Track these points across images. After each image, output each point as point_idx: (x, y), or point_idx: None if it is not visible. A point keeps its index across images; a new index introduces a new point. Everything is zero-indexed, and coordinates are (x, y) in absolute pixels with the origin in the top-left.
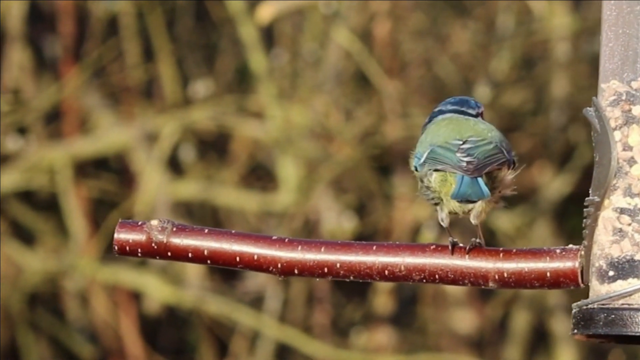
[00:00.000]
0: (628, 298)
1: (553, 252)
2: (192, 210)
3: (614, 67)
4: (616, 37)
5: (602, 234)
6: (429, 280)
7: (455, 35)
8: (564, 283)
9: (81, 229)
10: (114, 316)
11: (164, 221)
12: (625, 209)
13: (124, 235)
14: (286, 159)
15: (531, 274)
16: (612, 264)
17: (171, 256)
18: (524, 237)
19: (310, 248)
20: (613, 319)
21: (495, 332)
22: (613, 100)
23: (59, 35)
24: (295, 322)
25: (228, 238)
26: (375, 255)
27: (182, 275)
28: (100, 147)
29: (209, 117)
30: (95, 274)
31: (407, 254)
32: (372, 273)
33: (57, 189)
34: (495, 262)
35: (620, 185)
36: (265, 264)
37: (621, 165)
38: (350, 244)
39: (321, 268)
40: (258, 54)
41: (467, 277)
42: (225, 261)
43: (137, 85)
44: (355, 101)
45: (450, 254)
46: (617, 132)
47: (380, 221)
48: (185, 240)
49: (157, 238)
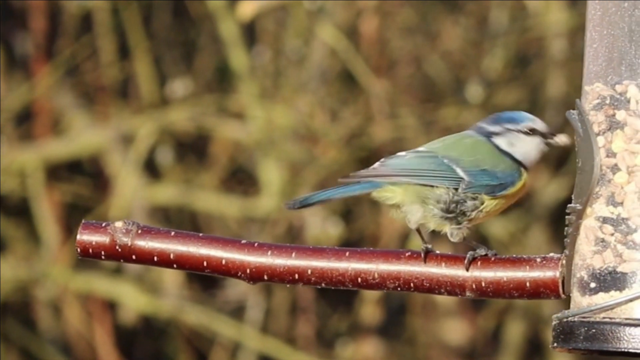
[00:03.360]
0: (610, 311)
1: (533, 261)
2: (170, 216)
3: (597, 69)
4: (600, 38)
5: (584, 244)
6: (404, 288)
7: (446, 32)
8: (544, 293)
9: (53, 236)
10: (88, 327)
11: (129, 223)
12: (608, 218)
13: (87, 237)
14: (269, 162)
15: (510, 284)
16: (594, 275)
17: (136, 259)
18: (519, 244)
19: (280, 253)
20: (594, 334)
21: (488, 343)
22: (597, 104)
23: (30, 32)
24: (278, 332)
25: (195, 241)
26: (347, 262)
27: (159, 283)
28: (74, 150)
29: (187, 118)
30: (68, 283)
31: (381, 261)
32: (344, 280)
33: (29, 193)
34: (472, 271)
35: (603, 193)
36: (233, 269)
37: (604, 172)
38: (322, 249)
39: (292, 274)
40: (239, 51)
41: (443, 286)
42: (192, 265)
43: (112, 85)
44: (341, 101)
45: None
46: (600, 138)
47: (367, 227)
48: (151, 243)
49: (121, 240)
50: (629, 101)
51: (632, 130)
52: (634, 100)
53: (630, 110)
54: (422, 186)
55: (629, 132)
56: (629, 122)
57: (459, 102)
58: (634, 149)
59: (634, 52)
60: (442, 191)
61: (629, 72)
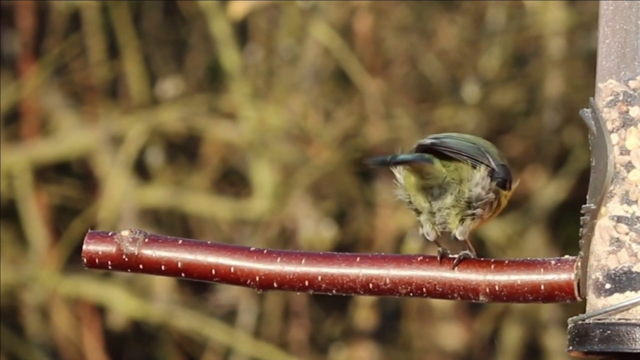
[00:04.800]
0: (625, 312)
1: (548, 264)
2: (160, 218)
3: (611, 65)
4: (613, 34)
5: (599, 244)
6: (416, 294)
7: (442, 30)
8: (560, 296)
9: (41, 238)
10: (77, 331)
11: (136, 232)
12: (623, 217)
13: (93, 247)
14: (261, 163)
15: (524, 287)
16: (609, 276)
17: (143, 269)
18: (516, 247)
19: (290, 260)
20: (609, 335)
21: (485, 348)
22: (610, 101)
23: (18, 31)
24: (270, 337)
25: (203, 249)
26: (358, 268)
27: (150, 287)
28: (62, 151)
29: (178, 118)
30: (56, 286)
31: (392, 266)
32: (355, 286)
33: (16, 195)
34: (486, 275)
35: (617, 192)
36: (242, 276)
37: (618, 170)
38: (333, 255)
39: (302, 281)
40: (231, 50)
41: (456, 290)
42: (200, 274)
43: (101, 84)
44: (335, 101)
45: (438, 264)
46: (614, 135)
47: (361, 230)
48: (158, 252)
49: (128, 250)
50: None
51: None
52: None
53: None
54: (471, 168)
55: None
56: None
57: (455, 102)
58: None
59: None
60: (484, 174)
61: None
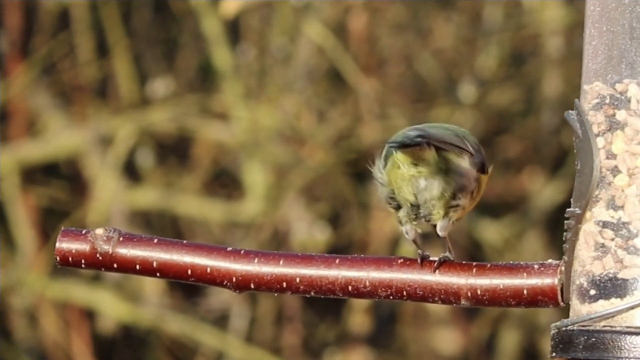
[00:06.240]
0: (610, 320)
1: (531, 268)
2: (151, 220)
3: (597, 67)
4: (600, 35)
5: (584, 249)
6: (396, 297)
7: (438, 29)
8: (543, 301)
9: (29, 241)
10: (65, 336)
11: (110, 230)
12: (608, 222)
13: (67, 245)
14: (253, 165)
15: (507, 291)
16: (594, 282)
17: (117, 268)
18: (513, 250)
19: (267, 261)
20: (594, 343)
21: (482, 353)
22: (596, 104)
23: (5, 29)
24: (263, 342)
25: (179, 249)
26: (337, 269)
27: (140, 291)
28: (50, 152)
29: (168, 119)
30: (44, 290)
31: (372, 268)
32: (334, 288)
33: (3, 197)
34: (467, 278)
35: (603, 197)
36: (219, 277)
37: (604, 174)
38: (311, 256)
39: (279, 282)
40: (222, 49)
41: (437, 294)
42: (175, 274)
43: (90, 84)
44: (329, 101)
45: (419, 267)
46: (600, 139)
47: (356, 232)
48: (133, 250)
49: (102, 248)
50: (629, 100)
51: (633, 131)
52: (634, 100)
53: (631, 110)
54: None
55: (629, 132)
56: (629, 122)
57: (451, 102)
58: (634, 150)
59: (635, 49)
60: (468, 163)
61: (630, 70)
